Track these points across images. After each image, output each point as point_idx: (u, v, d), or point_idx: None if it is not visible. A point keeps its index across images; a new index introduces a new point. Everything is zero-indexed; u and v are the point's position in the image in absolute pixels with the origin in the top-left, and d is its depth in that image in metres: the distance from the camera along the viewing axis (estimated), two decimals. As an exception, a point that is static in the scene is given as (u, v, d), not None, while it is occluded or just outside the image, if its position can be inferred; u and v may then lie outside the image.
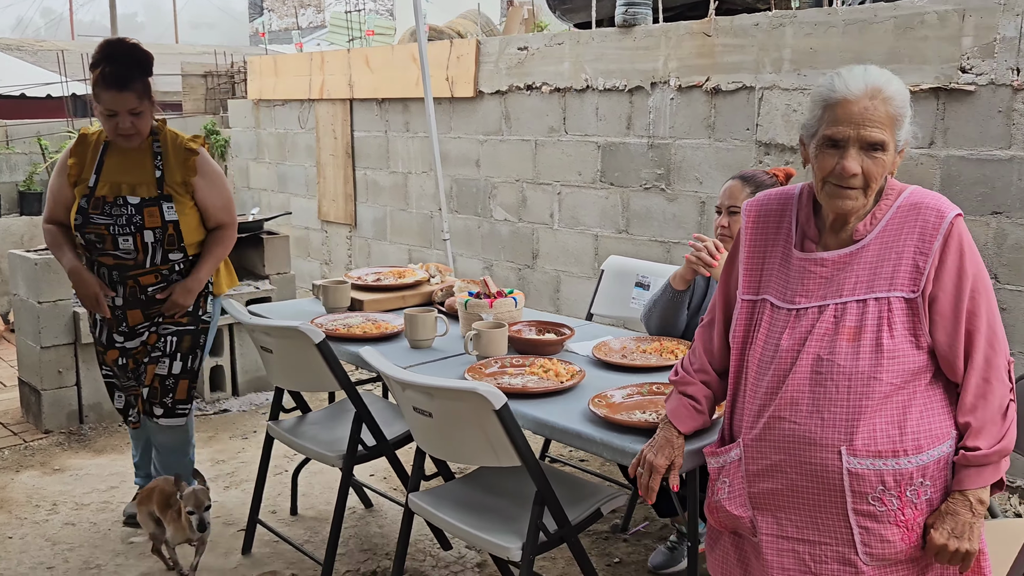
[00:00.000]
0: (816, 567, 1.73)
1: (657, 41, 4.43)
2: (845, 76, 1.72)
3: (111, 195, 3.00)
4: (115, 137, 2.99)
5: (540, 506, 2.29)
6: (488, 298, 3.01)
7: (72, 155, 3.06)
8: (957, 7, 3.40)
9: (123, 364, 3.19)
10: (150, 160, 3.04)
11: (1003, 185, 3.37)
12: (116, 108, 2.91)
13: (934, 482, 1.70)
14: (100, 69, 2.90)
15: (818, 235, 1.81)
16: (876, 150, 1.68)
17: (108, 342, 3.18)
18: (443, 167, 5.70)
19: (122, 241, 3.01)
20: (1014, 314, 3.41)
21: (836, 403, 1.69)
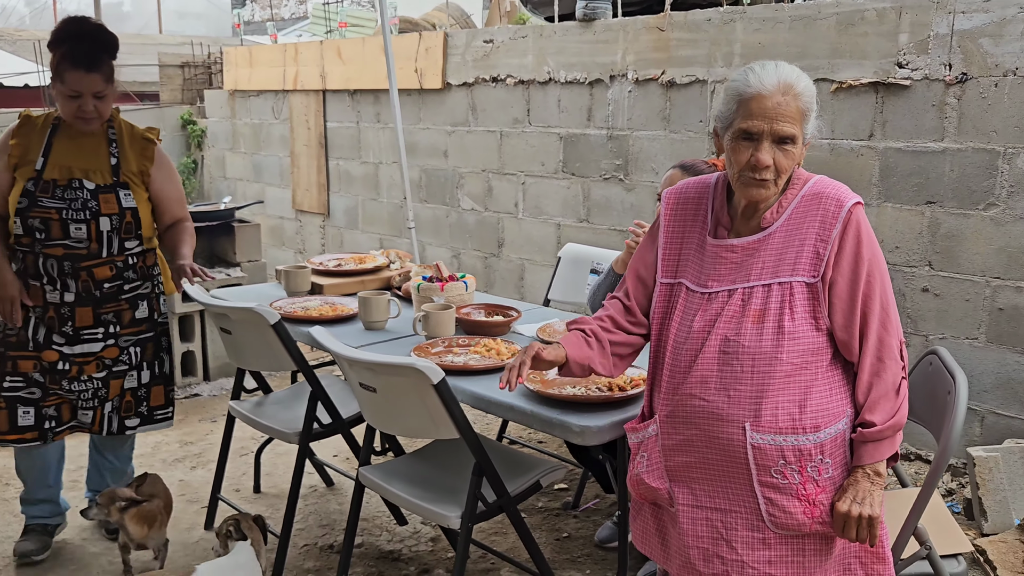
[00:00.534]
0: (728, 534, 1.83)
1: (616, 35, 4.55)
2: (759, 72, 1.80)
3: (63, 178, 2.82)
4: (74, 120, 2.80)
5: (478, 476, 2.41)
6: (440, 282, 3.13)
7: (14, 136, 2.83)
8: (894, 5, 3.54)
9: (63, 369, 2.90)
10: (105, 146, 2.89)
11: (936, 176, 3.51)
12: (81, 90, 2.74)
13: (834, 459, 1.79)
14: (66, 47, 2.74)
15: (731, 223, 1.91)
16: (787, 143, 1.77)
17: (44, 342, 2.89)
18: (413, 157, 5.82)
19: (74, 228, 2.81)
20: (947, 300, 3.56)
21: (741, 381, 1.79)
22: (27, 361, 2.89)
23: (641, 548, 2.04)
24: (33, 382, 2.91)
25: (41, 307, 2.87)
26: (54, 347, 2.89)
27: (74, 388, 2.94)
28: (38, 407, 2.92)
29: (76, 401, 2.96)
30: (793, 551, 1.81)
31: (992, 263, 3.42)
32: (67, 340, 2.90)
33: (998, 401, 3.46)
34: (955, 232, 3.50)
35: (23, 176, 2.80)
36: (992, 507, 2.81)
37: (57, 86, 2.77)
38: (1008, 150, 3.33)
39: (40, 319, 2.88)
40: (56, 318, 2.88)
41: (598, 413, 2.21)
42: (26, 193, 2.79)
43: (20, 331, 2.86)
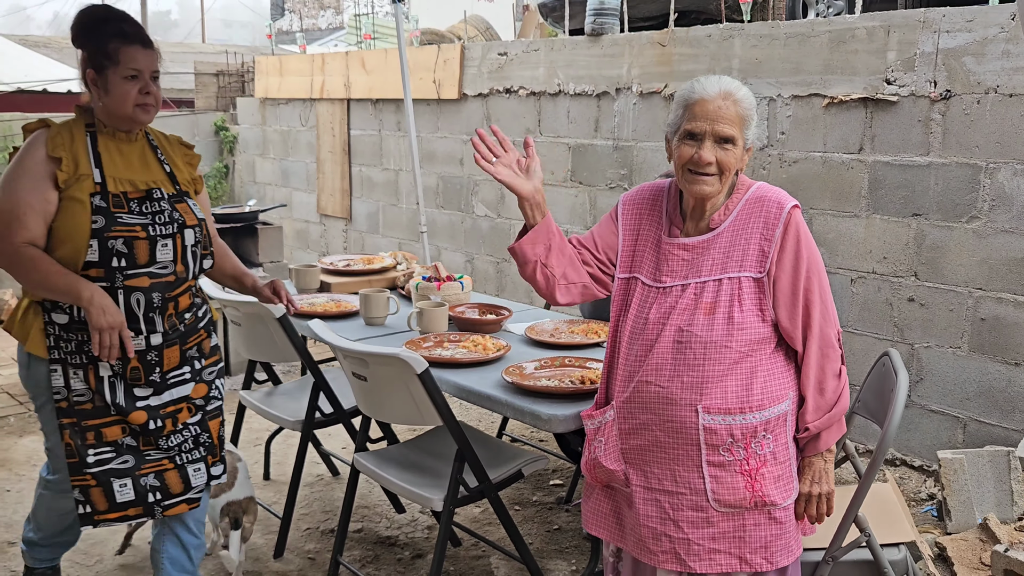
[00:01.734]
0: (674, 514, 1.99)
1: (622, 50, 4.72)
2: (703, 81, 2.00)
3: (135, 189, 2.34)
4: (134, 112, 2.31)
5: (460, 462, 2.58)
6: (437, 281, 3.32)
7: (54, 147, 2.27)
8: (883, 23, 3.67)
9: (156, 428, 2.38)
10: (151, 154, 2.44)
11: (922, 189, 3.63)
12: (140, 67, 2.30)
13: (775, 436, 1.96)
14: (112, 26, 2.33)
15: (682, 223, 2.09)
16: (727, 143, 1.95)
17: (127, 401, 2.34)
18: (430, 165, 6.03)
19: (161, 247, 2.32)
20: (932, 310, 3.66)
21: (694, 368, 1.96)
22: (113, 427, 2.34)
23: (592, 529, 2.18)
24: (125, 449, 2.37)
25: (120, 360, 2.31)
26: (139, 405, 2.36)
27: (172, 443, 2.43)
28: (135, 478, 2.39)
29: (178, 458, 2.43)
30: (734, 527, 1.97)
31: (974, 274, 3.52)
32: (154, 390, 2.39)
33: (980, 409, 3.56)
34: (940, 244, 3.61)
35: (81, 191, 2.25)
36: (956, 507, 2.92)
37: (108, 72, 2.28)
38: (990, 165, 3.43)
39: (119, 375, 2.33)
40: (141, 368, 2.35)
41: (567, 403, 2.38)
42: (99, 210, 2.25)
43: (94, 394, 2.30)
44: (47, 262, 2.24)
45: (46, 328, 2.30)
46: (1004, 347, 3.47)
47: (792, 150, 4.05)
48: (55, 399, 2.31)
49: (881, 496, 2.36)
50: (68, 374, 2.30)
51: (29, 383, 2.37)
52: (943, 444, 3.65)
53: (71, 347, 2.30)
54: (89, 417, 2.32)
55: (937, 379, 3.67)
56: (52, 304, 2.29)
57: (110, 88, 2.31)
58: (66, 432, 2.30)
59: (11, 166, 2.29)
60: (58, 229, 2.26)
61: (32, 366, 2.33)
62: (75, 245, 2.25)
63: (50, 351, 2.30)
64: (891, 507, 2.34)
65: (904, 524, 2.29)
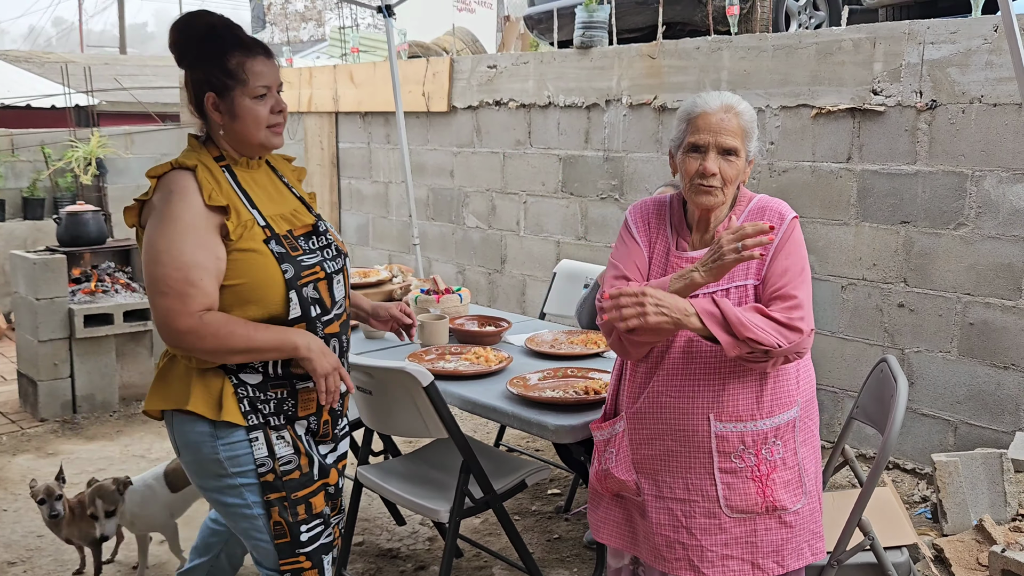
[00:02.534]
0: (687, 521, 2.03)
1: (611, 62, 4.78)
2: (704, 96, 2.06)
3: (299, 225, 2.05)
4: (264, 135, 1.99)
5: (466, 474, 2.61)
6: (436, 294, 3.35)
7: (209, 194, 1.91)
8: (869, 35, 3.74)
9: (338, 489, 2.15)
10: (280, 182, 2.14)
11: (910, 197, 3.70)
12: (270, 83, 1.98)
13: (784, 442, 2.01)
14: (228, 35, 1.97)
15: (689, 235, 2.13)
16: (730, 155, 2.01)
17: (326, 460, 2.10)
18: (421, 177, 6.06)
19: (336, 284, 2.07)
20: (921, 315, 3.73)
21: (705, 377, 2.00)
22: (319, 496, 2.06)
23: (604, 538, 2.22)
24: (327, 519, 2.10)
25: (315, 414, 2.07)
26: (329, 462, 2.13)
27: (343, 505, 2.20)
28: (330, 550, 2.14)
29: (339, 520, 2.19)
30: (746, 532, 2.01)
31: (962, 280, 3.59)
32: (334, 444, 2.16)
33: (970, 412, 3.62)
34: (928, 250, 3.68)
35: (255, 240, 1.93)
36: (952, 509, 2.98)
37: (234, 93, 1.95)
38: (975, 173, 3.51)
39: (312, 432, 2.08)
40: (331, 421, 2.13)
41: (572, 414, 2.41)
42: (281, 257, 1.95)
43: (300, 458, 2.01)
44: (239, 323, 1.89)
45: (236, 392, 1.94)
46: (993, 351, 3.54)
47: (782, 160, 4.11)
48: (260, 472, 1.95)
49: (881, 500, 2.41)
50: (271, 439, 1.96)
51: (208, 463, 1.96)
52: (935, 447, 3.71)
53: (269, 408, 1.97)
54: (298, 488, 2.00)
55: (928, 383, 3.74)
56: (239, 365, 1.94)
57: (238, 111, 1.95)
58: (275, 510, 1.97)
59: (162, 224, 1.88)
60: (243, 288, 1.91)
61: (220, 437, 1.94)
62: (268, 303, 1.93)
63: (246, 417, 1.94)
64: (892, 510, 2.39)
65: (905, 527, 2.34)
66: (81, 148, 7.58)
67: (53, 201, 7.69)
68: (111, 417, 4.85)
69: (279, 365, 1.96)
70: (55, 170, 7.70)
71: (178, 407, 1.95)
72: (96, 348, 4.84)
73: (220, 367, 1.94)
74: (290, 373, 1.98)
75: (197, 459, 1.98)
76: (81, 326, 4.72)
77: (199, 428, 1.94)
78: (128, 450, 4.42)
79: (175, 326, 1.84)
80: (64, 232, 5.02)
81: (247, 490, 1.96)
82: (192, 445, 1.96)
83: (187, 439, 1.97)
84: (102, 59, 15.70)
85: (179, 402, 1.95)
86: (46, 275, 4.68)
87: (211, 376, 1.94)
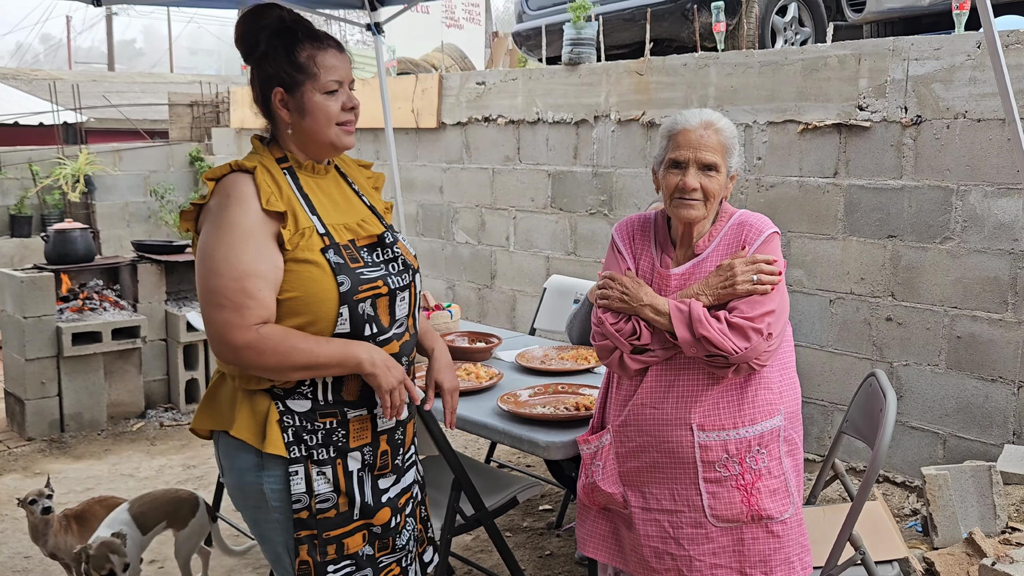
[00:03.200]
0: (675, 532, 2.05)
1: (599, 78, 4.81)
2: (685, 114, 2.10)
3: (362, 235, 1.91)
4: (335, 132, 1.87)
5: (457, 491, 2.60)
6: (426, 311, 3.34)
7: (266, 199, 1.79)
8: (854, 52, 3.78)
9: (395, 526, 1.97)
10: (349, 188, 2.00)
11: (896, 211, 3.73)
12: (342, 77, 1.86)
13: (768, 451, 2.03)
14: (302, 27, 1.86)
15: (674, 252, 2.16)
16: (711, 170, 2.04)
17: (374, 500, 1.91)
18: (410, 193, 6.07)
19: (399, 303, 1.91)
20: (908, 328, 3.75)
21: (686, 387, 2.03)
22: (355, 536, 1.90)
23: (591, 552, 2.22)
24: (364, 562, 1.92)
25: (370, 445, 1.91)
26: (384, 500, 1.93)
27: (401, 543, 2.00)
28: None
29: (404, 560, 2.01)
30: (733, 541, 2.03)
31: (949, 293, 3.62)
32: (396, 477, 1.98)
33: (958, 425, 3.64)
34: (915, 264, 3.71)
35: (312, 250, 1.80)
36: (942, 522, 2.99)
37: (304, 88, 1.84)
38: (961, 187, 3.54)
39: (368, 465, 1.90)
40: (390, 451, 1.95)
41: (563, 430, 2.41)
42: (338, 268, 1.81)
43: (340, 497, 1.86)
44: (299, 336, 1.76)
45: (282, 419, 1.81)
46: (980, 364, 3.56)
47: (769, 175, 4.14)
48: (294, 508, 1.82)
49: (872, 513, 2.41)
50: (311, 475, 1.82)
51: (251, 492, 1.86)
52: (924, 460, 3.73)
53: (316, 439, 1.83)
54: (331, 527, 1.86)
55: (916, 396, 3.76)
56: (287, 390, 1.82)
57: (308, 107, 1.83)
58: (303, 548, 1.84)
59: (218, 230, 1.77)
60: (295, 302, 1.79)
61: (266, 468, 1.82)
62: (319, 317, 1.79)
63: (289, 448, 1.81)
64: (882, 524, 2.40)
65: (896, 540, 2.34)
66: (69, 165, 7.57)
67: (40, 219, 7.66)
68: (99, 436, 4.82)
69: (329, 391, 1.83)
70: (43, 187, 7.68)
71: (224, 429, 1.86)
72: (84, 366, 4.81)
73: (267, 391, 1.82)
74: (341, 399, 1.85)
75: (240, 485, 1.88)
76: (69, 344, 4.69)
77: (244, 455, 1.84)
78: (116, 469, 4.39)
79: (232, 340, 1.72)
80: (52, 250, 5.00)
81: (280, 524, 1.86)
82: (236, 471, 1.87)
83: (232, 463, 1.87)
84: (90, 76, 15.69)
85: (225, 424, 1.86)
86: (33, 293, 4.66)
87: (258, 400, 1.82)
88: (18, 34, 52.90)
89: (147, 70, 24.87)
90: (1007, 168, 3.41)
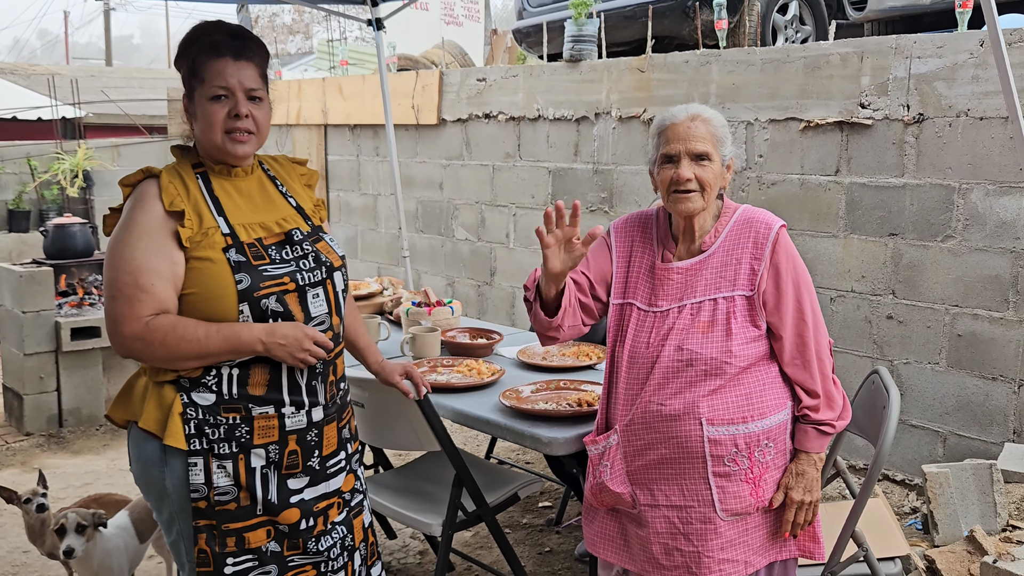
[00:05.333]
0: (684, 528, 2.05)
1: (600, 75, 4.80)
2: (672, 110, 2.11)
3: (270, 234, 1.95)
4: (222, 139, 1.90)
5: (458, 487, 2.60)
6: (428, 307, 3.34)
7: (169, 200, 1.87)
8: (857, 50, 3.78)
9: (307, 528, 1.97)
10: (273, 187, 2.04)
11: (898, 209, 3.73)
12: (229, 84, 1.88)
13: (776, 443, 2.04)
14: (206, 39, 1.93)
15: (675, 248, 2.15)
16: (703, 160, 2.04)
17: (279, 498, 1.93)
18: (410, 189, 6.06)
19: (313, 299, 1.94)
20: (909, 326, 3.76)
21: (695, 384, 2.02)
22: (258, 531, 1.93)
23: (601, 552, 2.21)
24: (268, 556, 1.94)
25: (276, 443, 1.91)
26: (292, 500, 1.95)
27: (322, 547, 2.01)
28: None
29: (323, 566, 2.02)
30: (740, 533, 2.04)
31: (950, 292, 3.62)
32: (310, 480, 1.98)
33: (959, 423, 3.64)
34: (916, 262, 3.71)
35: (213, 248, 1.86)
36: (943, 520, 2.99)
37: (196, 94, 1.92)
38: (963, 185, 3.54)
39: (274, 463, 1.92)
40: (299, 451, 1.95)
41: (566, 426, 2.41)
42: (239, 266, 1.86)
43: (241, 491, 1.89)
44: (189, 326, 1.81)
45: (185, 412, 1.86)
46: (981, 362, 3.56)
47: (770, 172, 4.14)
48: (192, 498, 1.86)
49: (873, 511, 2.41)
50: (211, 468, 1.86)
51: (154, 483, 1.91)
52: (924, 458, 3.73)
53: (218, 433, 1.87)
54: (231, 520, 1.89)
55: (917, 394, 3.76)
56: (192, 381, 1.87)
57: (198, 113, 1.91)
58: (201, 536, 1.88)
59: (120, 229, 1.87)
60: (195, 299, 1.85)
61: (168, 462, 1.87)
62: (220, 314, 1.85)
63: (189, 440, 1.85)
64: (884, 521, 2.40)
65: (898, 537, 2.34)
66: (68, 160, 7.55)
67: (39, 213, 7.65)
68: (97, 431, 4.81)
69: (234, 384, 1.87)
70: (41, 182, 7.66)
71: (134, 419, 1.92)
72: (82, 361, 4.80)
73: (174, 383, 1.87)
74: (247, 394, 1.88)
75: (145, 475, 1.93)
76: (67, 339, 4.68)
77: (151, 447, 1.89)
78: (115, 464, 4.38)
79: (122, 331, 1.81)
80: (51, 244, 4.99)
81: (180, 513, 1.90)
82: (143, 460, 1.92)
83: (140, 453, 1.93)
84: (89, 71, 15.65)
85: (135, 414, 1.92)
86: (32, 288, 4.64)
87: (165, 392, 1.88)
88: (15, 30, 52.74)
89: (144, 66, 24.84)
90: (1009, 167, 3.41)
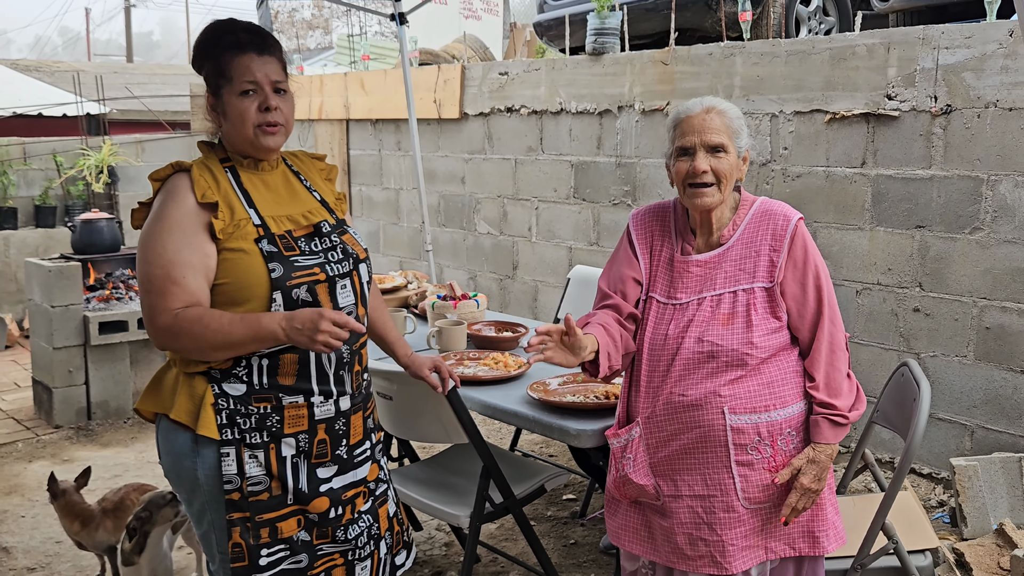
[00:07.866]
0: (708, 517, 2.06)
1: (623, 68, 4.79)
2: (687, 103, 2.11)
3: (299, 226, 1.98)
4: (252, 133, 1.94)
5: (486, 479, 2.61)
6: (453, 300, 3.36)
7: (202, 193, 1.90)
8: (883, 41, 3.75)
9: (336, 516, 2.00)
10: (297, 181, 2.09)
11: (925, 201, 3.70)
12: (256, 78, 1.92)
13: (797, 432, 2.06)
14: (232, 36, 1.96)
15: (694, 240, 2.16)
16: (719, 151, 2.03)
17: (310, 487, 1.95)
18: (432, 184, 6.08)
19: (341, 290, 1.98)
20: (937, 319, 3.73)
21: (717, 374, 2.03)
22: (289, 520, 1.95)
23: (625, 544, 2.23)
24: (299, 546, 1.97)
25: (306, 432, 1.95)
26: (322, 489, 1.97)
27: (350, 535, 2.03)
28: None
29: (351, 554, 2.04)
30: (761, 520, 2.07)
31: (978, 284, 3.59)
32: (338, 468, 2.01)
33: (986, 416, 3.62)
34: (943, 255, 3.68)
35: (246, 239, 1.89)
36: (972, 513, 2.97)
37: (224, 92, 1.95)
38: (991, 177, 3.51)
39: (304, 452, 1.94)
40: (328, 440, 1.98)
41: (593, 419, 2.42)
42: (271, 256, 1.89)
43: (272, 481, 1.91)
44: (214, 317, 1.82)
45: (216, 402, 1.88)
46: (1009, 355, 3.53)
47: (795, 165, 4.12)
48: (226, 490, 1.88)
49: (902, 503, 2.41)
50: (243, 458, 1.88)
51: (186, 475, 1.92)
52: (952, 452, 3.71)
53: (250, 423, 1.89)
54: (264, 510, 1.90)
55: (944, 387, 3.73)
56: (223, 372, 1.89)
57: (227, 110, 1.94)
58: (235, 530, 1.88)
59: (152, 223, 1.89)
60: (228, 288, 1.88)
61: (200, 453, 1.88)
62: (254, 303, 1.87)
63: (221, 431, 1.87)
64: (913, 514, 2.39)
65: (927, 530, 2.34)
66: (93, 156, 7.62)
67: (65, 209, 7.73)
68: (125, 424, 4.87)
69: (264, 375, 1.89)
70: (67, 178, 7.75)
71: (164, 411, 1.94)
72: (111, 355, 4.86)
73: (204, 374, 1.89)
74: (277, 384, 1.90)
75: (176, 467, 1.94)
76: (96, 333, 4.74)
77: (182, 438, 1.90)
78: (143, 456, 4.44)
79: (155, 324, 1.84)
80: (78, 240, 5.05)
81: (211, 504, 1.91)
82: (173, 453, 1.93)
83: (170, 446, 1.94)
84: (111, 68, 15.78)
85: (165, 407, 1.93)
86: (61, 282, 4.70)
87: (196, 383, 1.90)
88: (37, 27, 53.21)
89: (164, 62, 25.01)
90: (1039, 158, 3.38)
